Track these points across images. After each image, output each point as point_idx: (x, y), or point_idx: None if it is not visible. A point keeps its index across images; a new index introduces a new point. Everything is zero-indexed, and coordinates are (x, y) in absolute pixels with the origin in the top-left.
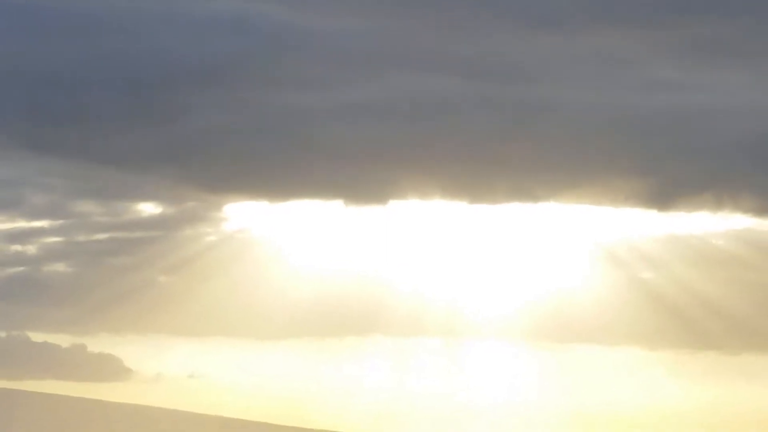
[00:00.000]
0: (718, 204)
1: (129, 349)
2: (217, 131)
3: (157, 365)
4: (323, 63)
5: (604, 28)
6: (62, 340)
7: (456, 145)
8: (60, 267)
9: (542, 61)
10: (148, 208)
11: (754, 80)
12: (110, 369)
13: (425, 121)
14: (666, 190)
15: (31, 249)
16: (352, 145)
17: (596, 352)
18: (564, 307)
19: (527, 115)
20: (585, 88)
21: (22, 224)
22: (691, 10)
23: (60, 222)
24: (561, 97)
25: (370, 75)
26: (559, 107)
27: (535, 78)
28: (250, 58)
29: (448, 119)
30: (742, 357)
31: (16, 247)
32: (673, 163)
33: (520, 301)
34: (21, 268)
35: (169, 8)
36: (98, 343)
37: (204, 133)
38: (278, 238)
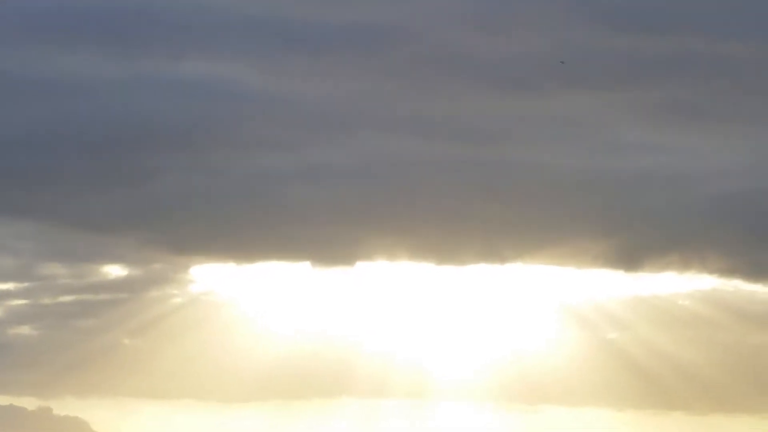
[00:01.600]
0: (684, 265)
1: (95, 412)
2: (184, 193)
3: (124, 428)
4: (290, 125)
5: (572, 91)
6: (28, 403)
7: (423, 206)
8: (25, 330)
9: (510, 123)
10: (115, 270)
11: (719, 143)
12: None
13: (392, 183)
14: (632, 252)
15: None
16: (320, 207)
17: (564, 413)
18: (531, 368)
19: (494, 177)
20: (552, 151)
21: None
22: (658, 74)
23: (26, 284)
24: (528, 159)
25: (337, 137)
26: (526, 169)
27: (503, 140)
28: (216, 121)
29: (415, 181)
30: (710, 418)
31: None
32: (640, 225)
33: (487, 363)
34: None
35: (136, 71)
36: (64, 406)
37: (170, 195)
38: (245, 300)
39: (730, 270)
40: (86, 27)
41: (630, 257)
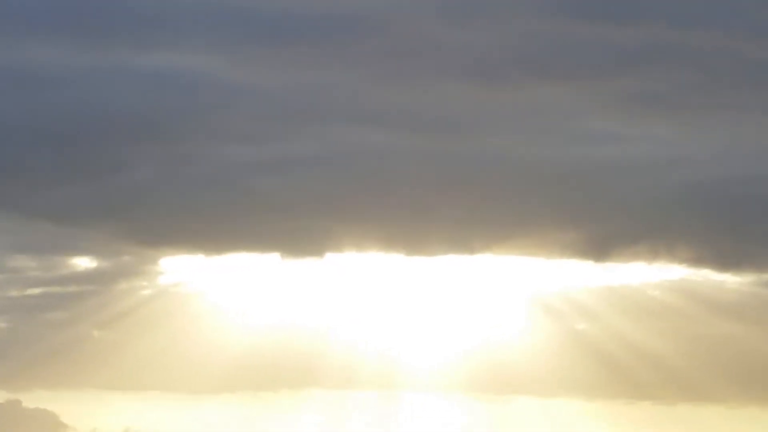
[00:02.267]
0: (653, 255)
1: (64, 405)
2: (153, 185)
3: (93, 420)
4: (258, 117)
5: (540, 82)
6: None
7: (392, 197)
8: None
9: (478, 114)
10: (83, 263)
11: (688, 133)
12: (46, 424)
13: (361, 173)
14: (601, 242)
15: None
16: (288, 198)
17: (534, 403)
18: (501, 359)
19: (463, 168)
20: (520, 141)
21: None
22: (625, 64)
23: None
24: (497, 149)
25: (306, 129)
26: (494, 160)
27: (471, 131)
28: (185, 113)
29: (385, 172)
30: (678, 407)
31: None
32: (609, 215)
33: (456, 354)
34: None
35: (104, 61)
36: (33, 399)
37: (139, 186)
38: (214, 291)
39: (699, 260)
40: (54, 17)
41: (599, 247)
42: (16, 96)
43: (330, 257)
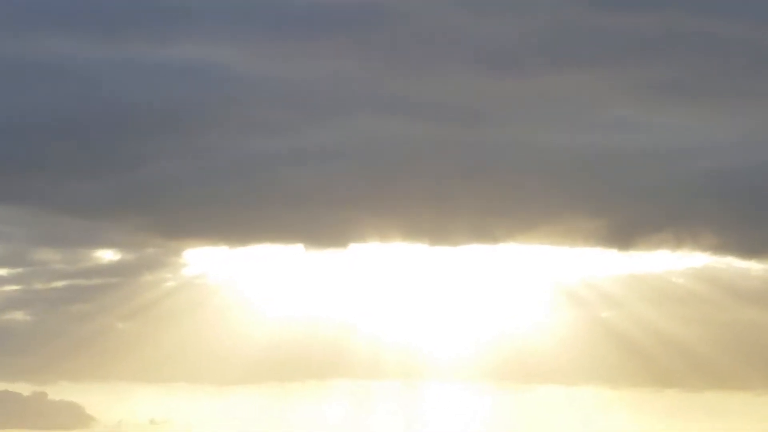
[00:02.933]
0: (677, 242)
1: (90, 397)
2: (176, 177)
3: (119, 412)
4: (281, 108)
5: (562, 70)
6: (23, 388)
7: (416, 187)
8: (19, 315)
9: (500, 103)
10: (107, 255)
11: (710, 119)
12: (72, 416)
13: (384, 164)
14: (625, 230)
15: None
16: (312, 189)
17: (558, 391)
18: (525, 347)
19: (486, 157)
20: (544, 130)
21: None
22: (648, 51)
23: (18, 270)
24: (520, 138)
25: (329, 119)
26: (518, 149)
27: (494, 120)
28: (207, 104)
29: (408, 162)
30: (704, 395)
31: None
32: (632, 203)
33: (481, 343)
34: None
35: (125, 54)
36: (59, 391)
37: (162, 179)
38: (238, 282)
39: (723, 247)
40: (73, 10)
41: (623, 235)
42: (38, 90)
43: (354, 248)
